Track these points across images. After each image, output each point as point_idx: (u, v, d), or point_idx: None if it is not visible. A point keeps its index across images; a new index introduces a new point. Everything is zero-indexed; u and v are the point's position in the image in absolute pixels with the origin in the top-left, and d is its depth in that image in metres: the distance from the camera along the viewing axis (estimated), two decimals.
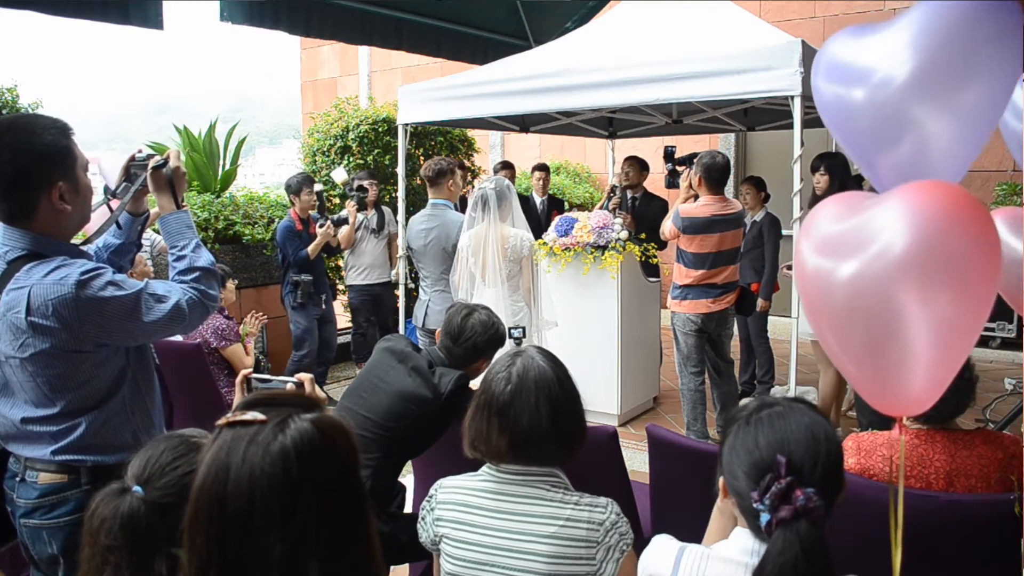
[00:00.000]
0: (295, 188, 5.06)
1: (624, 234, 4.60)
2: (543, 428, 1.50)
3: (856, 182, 4.46)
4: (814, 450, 1.14)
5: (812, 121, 5.54)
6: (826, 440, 1.16)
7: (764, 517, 1.10)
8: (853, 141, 1.54)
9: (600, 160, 8.77)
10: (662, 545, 1.30)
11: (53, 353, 1.62)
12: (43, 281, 1.61)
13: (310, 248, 4.97)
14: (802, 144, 3.55)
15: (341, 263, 6.02)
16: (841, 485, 1.17)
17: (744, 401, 1.54)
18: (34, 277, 1.61)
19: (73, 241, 1.79)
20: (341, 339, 6.79)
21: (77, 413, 1.68)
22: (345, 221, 5.35)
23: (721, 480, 1.24)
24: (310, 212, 5.08)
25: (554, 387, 1.53)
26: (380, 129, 6.66)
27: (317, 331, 5.12)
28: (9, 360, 1.65)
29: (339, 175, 5.61)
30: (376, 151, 6.61)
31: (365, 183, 5.55)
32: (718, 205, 4.00)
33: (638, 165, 5.56)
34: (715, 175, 3.99)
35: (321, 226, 5.03)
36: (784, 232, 4.86)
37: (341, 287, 6.28)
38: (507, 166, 6.34)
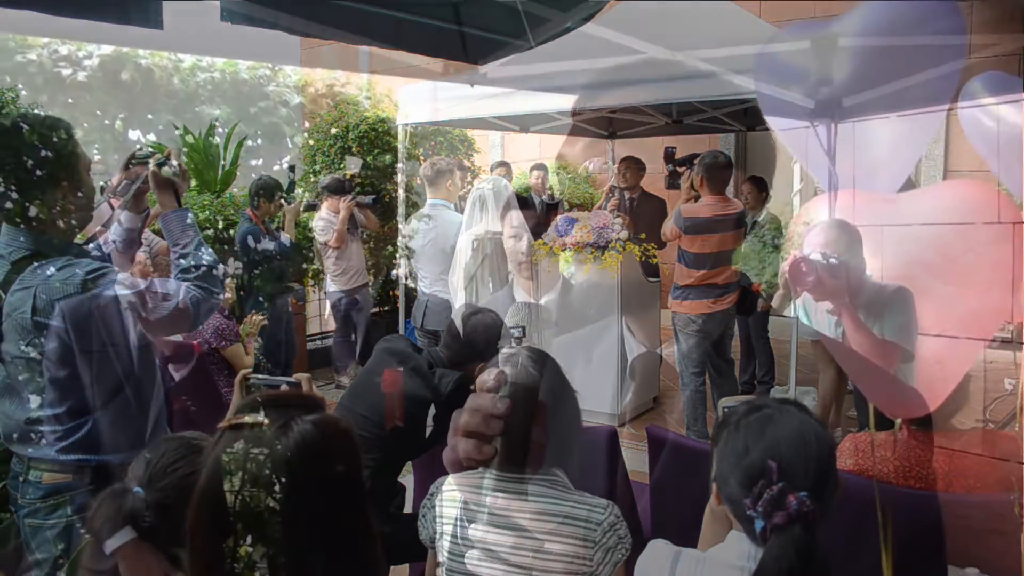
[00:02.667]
0: (268, 193, 4.72)
1: (624, 234, 4.60)
2: (524, 439, 1.51)
3: None
4: (804, 453, 1.14)
5: None
6: (816, 441, 1.16)
7: (759, 524, 1.10)
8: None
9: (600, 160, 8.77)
10: (659, 550, 1.30)
11: (58, 352, 1.63)
12: (48, 281, 1.61)
13: (285, 232, 4.78)
14: None
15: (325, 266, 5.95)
16: (836, 484, 1.17)
17: (727, 401, 1.54)
18: (39, 277, 1.62)
19: (75, 240, 1.80)
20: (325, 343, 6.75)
21: (82, 412, 1.69)
22: (315, 206, 5.25)
23: (714, 486, 1.24)
24: (267, 217, 4.83)
25: (536, 397, 1.55)
26: (380, 129, 6.66)
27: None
28: (15, 360, 1.66)
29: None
30: (376, 151, 6.61)
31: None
32: (720, 205, 4.00)
33: (635, 166, 5.55)
34: (716, 175, 3.99)
35: (289, 203, 4.85)
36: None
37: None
38: (503, 164, 6.35)
